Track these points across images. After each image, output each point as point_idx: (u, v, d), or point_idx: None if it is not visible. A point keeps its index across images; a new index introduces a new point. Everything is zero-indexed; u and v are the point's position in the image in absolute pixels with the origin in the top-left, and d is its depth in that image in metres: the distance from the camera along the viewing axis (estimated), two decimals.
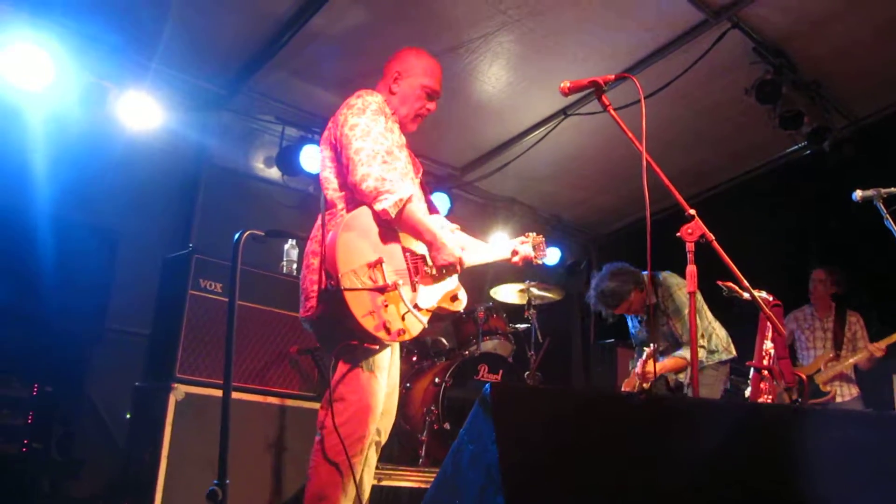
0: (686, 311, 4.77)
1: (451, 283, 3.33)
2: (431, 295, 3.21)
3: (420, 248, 3.22)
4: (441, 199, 6.99)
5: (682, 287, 4.85)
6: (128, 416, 4.74)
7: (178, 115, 5.84)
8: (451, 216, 6.85)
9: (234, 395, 4.40)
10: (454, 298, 3.34)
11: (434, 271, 3.21)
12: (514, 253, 3.62)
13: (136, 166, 5.69)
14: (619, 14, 5.12)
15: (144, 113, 5.48)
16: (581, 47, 5.46)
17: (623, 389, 4.89)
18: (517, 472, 1.45)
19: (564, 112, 6.24)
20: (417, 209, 3.10)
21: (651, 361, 4.73)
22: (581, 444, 1.57)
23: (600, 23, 5.21)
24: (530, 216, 8.10)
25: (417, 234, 3.14)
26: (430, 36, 5.32)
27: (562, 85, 3.17)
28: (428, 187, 3.57)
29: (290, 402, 4.76)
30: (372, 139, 3.08)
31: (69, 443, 4.81)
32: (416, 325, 3.09)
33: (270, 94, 6.12)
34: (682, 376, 4.87)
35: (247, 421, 4.49)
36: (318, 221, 3.17)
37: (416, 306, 3.09)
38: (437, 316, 3.35)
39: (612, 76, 3.16)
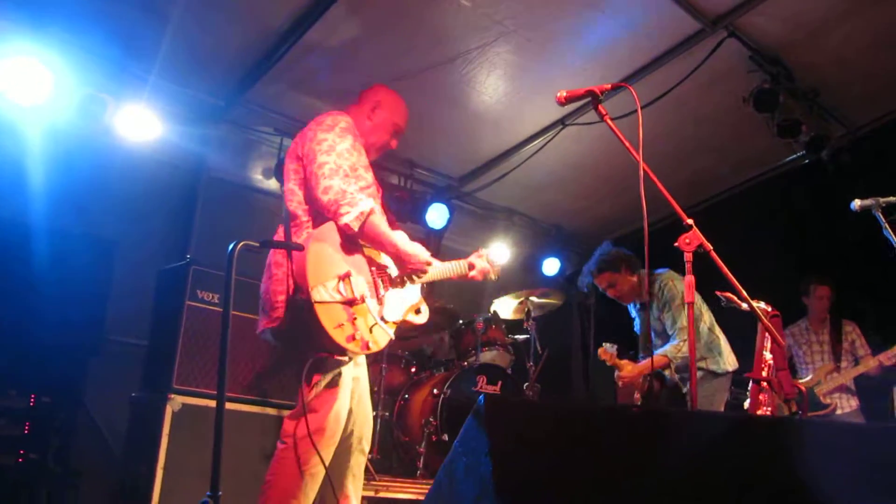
0: (676, 303, 4.80)
1: (414, 296, 3.42)
2: (396, 307, 3.31)
3: (384, 259, 3.30)
4: (440, 210, 6.96)
5: (676, 280, 4.87)
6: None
7: (176, 127, 5.83)
8: (450, 227, 6.89)
9: (233, 406, 4.43)
10: (417, 311, 3.45)
11: (399, 280, 3.32)
12: (471, 266, 3.68)
13: (135, 178, 5.70)
14: (616, 24, 5.11)
15: (143, 125, 5.48)
16: (578, 57, 5.45)
17: (621, 384, 4.88)
18: (511, 484, 1.43)
19: (562, 122, 6.22)
20: (380, 222, 3.17)
21: (627, 363, 4.76)
22: (575, 455, 1.55)
23: (597, 32, 5.21)
24: (530, 226, 8.09)
25: (381, 246, 3.22)
26: (426, 47, 5.33)
27: (558, 94, 3.19)
28: (390, 210, 3.67)
29: (287, 413, 4.73)
30: (336, 154, 3.15)
31: (66, 453, 4.79)
32: (383, 336, 3.18)
33: (268, 105, 6.11)
34: (667, 372, 4.87)
35: (245, 432, 4.48)
36: (280, 232, 3.25)
37: (382, 318, 3.18)
38: (402, 331, 3.45)
39: (609, 85, 3.18)
